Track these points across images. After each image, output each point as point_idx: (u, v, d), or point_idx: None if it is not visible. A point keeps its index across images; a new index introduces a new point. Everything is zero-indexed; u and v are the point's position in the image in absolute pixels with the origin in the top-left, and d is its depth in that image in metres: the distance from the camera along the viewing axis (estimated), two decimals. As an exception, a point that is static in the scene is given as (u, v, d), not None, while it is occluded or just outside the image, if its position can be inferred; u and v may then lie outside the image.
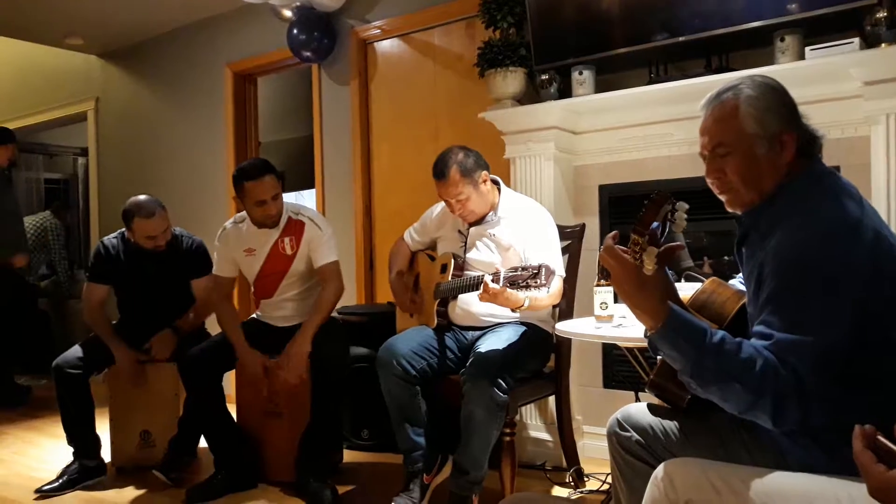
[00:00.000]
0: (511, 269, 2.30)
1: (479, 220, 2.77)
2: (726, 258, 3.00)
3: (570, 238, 2.88)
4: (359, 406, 3.42)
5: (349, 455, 3.41)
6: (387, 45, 4.17)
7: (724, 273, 2.76)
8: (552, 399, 2.92)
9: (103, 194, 5.79)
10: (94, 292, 3.33)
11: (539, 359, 2.71)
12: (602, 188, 3.29)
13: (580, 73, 3.08)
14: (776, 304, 1.36)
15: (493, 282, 2.31)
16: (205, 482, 2.95)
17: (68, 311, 6.26)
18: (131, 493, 3.05)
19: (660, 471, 1.43)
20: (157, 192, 3.37)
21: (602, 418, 2.13)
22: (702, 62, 2.91)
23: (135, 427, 3.32)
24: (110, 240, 3.37)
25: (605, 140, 3.24)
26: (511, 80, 3.23)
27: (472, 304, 2.70)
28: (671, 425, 1.64)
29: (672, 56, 2.98)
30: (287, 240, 3.04)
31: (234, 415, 3.13)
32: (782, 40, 2.63)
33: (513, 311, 2.46)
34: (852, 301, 1.32)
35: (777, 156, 1.47)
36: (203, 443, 3.15)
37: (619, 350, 2.95)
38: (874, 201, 2.42)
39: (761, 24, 2.66)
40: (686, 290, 1.69)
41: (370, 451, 3.49)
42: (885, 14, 2.42)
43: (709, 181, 1.57)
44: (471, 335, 2.72)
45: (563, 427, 2.87)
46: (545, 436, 3.22)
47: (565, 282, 2.78)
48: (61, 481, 3.07)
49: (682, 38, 2.84)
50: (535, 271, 2.23)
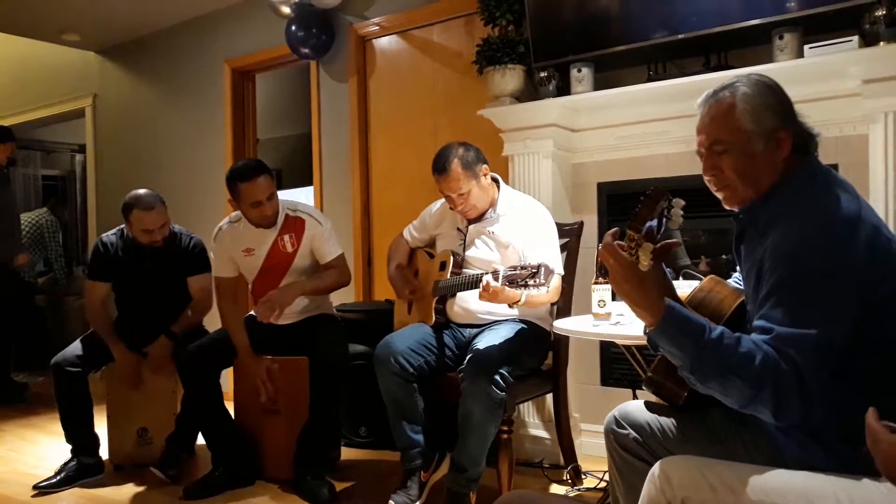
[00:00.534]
0: (510, 267, 2.30)
1: (478, 218, 2.77)
2: (724, 257, 3.00)
3: (569, 236, 2.88)
4: (357, 403, 3.41)
5: (347, 452, 3.41)
6: (385, 42, 4.17)
7: (722, 271, 2.76)
8: (550, 397, 2.92)
9: (101, 191, 5.78)
10: (95, 290, 3.32)
11: (537, 356, 2.71)
12: (600, 186, 3.29)
13: (579, 71, 3.08)
14: (776, 298, 1.36)
15: (493, 280, 2.31)
16: (202, 479, 2.95)
17: (65, 308, 6.25)
18: (129, 490, 3.05)
19: (656, 469, 1.43)
20: (155, 189, 3.36)
21: (599, 416, 2.13)
22: (700, 60, 2.91)
23: (132, 424, 3.32)
24: (109, 237, 3.37)
25: (603, 137, 3.24)
26: (510, 78, 3.23)
27: (470, 302, 2.70)
28: (668, 422, 1.64)
29: (671, 54, 2.97)
30: (287, 237, 3.03)
31: (231, 412, 3.13)
32: (781, 38, 2.63)
33: (510, 306, 2.45)
34: (852, 295, 1.32)
35: (773, 153, 1.48)
36: (200, 440, 3.15)
37: (616, 348, 2.95)
38: (872, 199, 2.42)
39: (760, 21, 2.66)
40: (684, 288, 1.69)
41: (368, 448, 3.49)
42: (884, 12, 2.42)
43: (706, 179, 1.57)
44: (469, 333, 2.72)
45: (561, 424, 2.87)
46: (543, 433, 3.22)
47: (563, 279, 2.78)
48: (59, 478, 3.07)
49: (680, 36, 2.83)
50: (535, 270, 2.22)
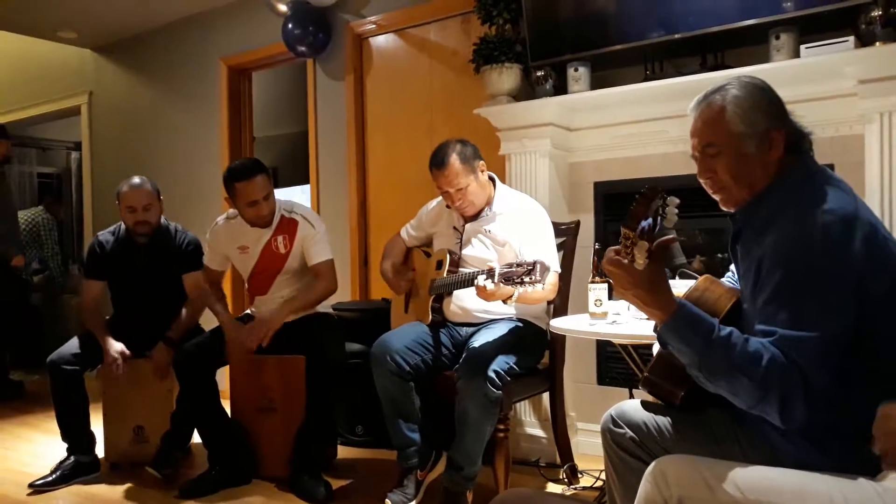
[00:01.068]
0: (506, 265, 2.30)
1: (475, 217, 2.77)
2: (719, 255, 3.01)
3: (565, 235, 2.88)
4: (353, 402, 3.41)
5: (343, 451, 3.41)
6: (382, 41, 4.16)
7: (716, 270, 2.77)
8: (546, 395, 2.92)
9: (96, 188, 5.76)
10: (90, 289, 3.32)
11: (533, 355, 2.72)
12: (597, 185, 3.30)
13: (576, 70, 3.08)
14: (778, 300, 1.37)
15: (488, 278, 2.31)
16: (198, 478, 2.94)
17: (61, 306, 6.23)
18: (124, 488, 3.05)
19: (653, 467, 1.44)
20: (151, 187, 3.36)
21: (596, 415, 2.14)
22: (697, 59, 2.92)
23: (128, 422, 3.31)
24: (104, 234, 3.37)
25: (600, 137, 3.24)
26: (506, 77, 3.23)
27: (467, 301, 2.70)
28: (665, 422, 1.65)
29: (668, 53, 2.98)
30: (280, 238, 3.04)
31: (227, 410, 3.12)
32: (777, 38, 2.63)
33: (504, 302, 2.45)
34: (851, 293, 1.33)
35: (766, 153, 1.49)
36: (196, 438, 3.15)
37: (613, 347, 2.96)
38: (868, 199, 2.43)
39: (756, 21, 2.66)
40: (679, 288, 1.69)
41: (364, 447, 3.49)
42: (880, 13, 2.43)
43: (702, 181, 1.58)
44: (465, 331, 2.73)
45: (557, 423, 2.87)
46: (539, 432, 3.22)
47: (560, 278, 2.79)
48: (55, 476, 3.06)
49: (677, 36, 2.84)
50: (530, 268, 2.23)
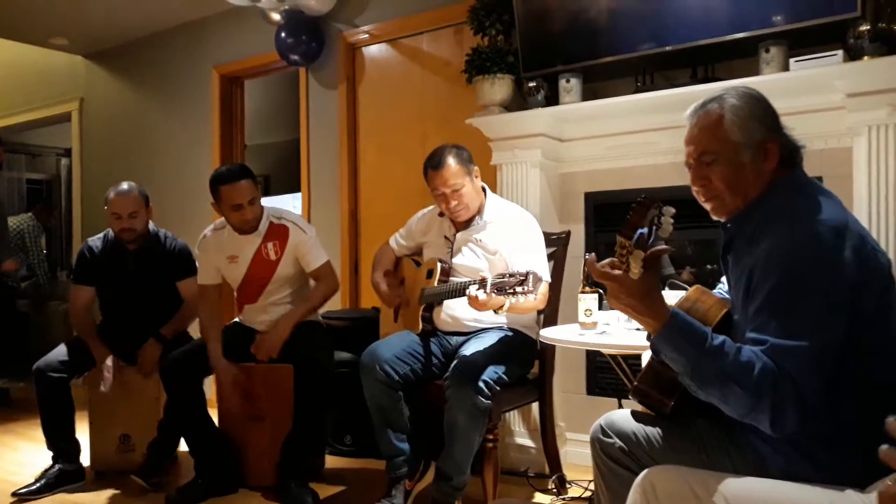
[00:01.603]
0: (498, 275, 2.30)
1: (466, 226, 2.77)
2: (708, 267, 3.02)
3: (556, 245, 2.88)
4: (342, 411, 3.40)
5: (331, 460, 3.39)
6: (375, 50, 4.17)
7: (706, 281, 2.78)
8: (536, 405, 2.92)
9: (86, 195, 5.73)
10: (79, 295, 3.30)
11: (523, 365, 2.71)
12: (588, 196, 3.31)
13: (567, 81, 3.10)
14: (769, 309, 1.37)
15: (480, 288, 2.31)
16: (185, 487, 2.91)
17: (48, 313, 6.18)
18: (110, 497, 3.01)
19: (642, 478, 1.44)
20: (141, 194, 3.35)
21: (585, 425, 2.13)
22: (688, 72, 2.94)
23: (114, 431, 3.29)
24: (94, 241, 3.35)
25: (591, 148, 3.25)
26: (499, 87, 3.24)
27: (457, 310, 2.70)
28: (654, 432, 1.65)
29: (658, 65, 3.00)
30: (270, 245, 3.03)
31: (215, 419, 3.10)
32: (767, 51, 2.66)
33: (495, 311, 2.45)
34: (843, 303, 1.33)
35: (761, 164, 1.50)
36: (183, 447, 3.12)
37: (602, 357, 2.96)
38: (856, 212, 2.44)
39: (746, 35, 2.69)
40: (670, 298, 1.69)
41: (353, 456, 3.47)
42: (868, 27, 2.45)
43: (694, 189, 1.59)
44: (455, 341, 2.72)
45: (547, 433, 2.87)
46: (528, 442, 3.22)
47: (550, 288, 2.79)
48: (39, 485, 3.03)
49: (668, 48, 2.86)
50: (523, 278, 2.22)
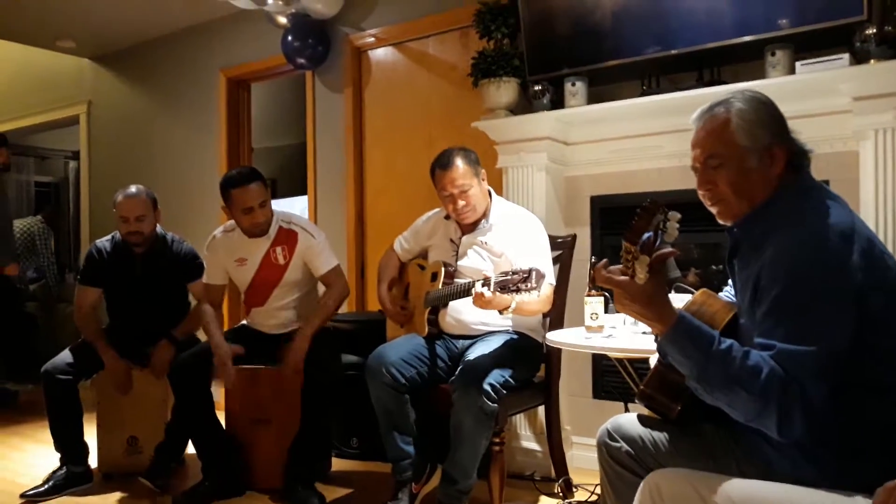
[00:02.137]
0: (501, 273, 2.30)
1: (472, 228, 2.77)
2: (713, 267, 3.02)
3: (561, 248, 2.88)
4: (348, 414, 3.40)
5: (338, 463, 3.40)
6: (381, 54, 4.19)
7: (711, 283, 2.78)
8: (542, 409, 2.92)
9: (94, 198, 5.76)
10: (85, 296, 3.31)
11: (529, 368, 2.71)
12: (593, 199, 3.31)
13: (573, 85, 3.10)
14: (776, 313, 1.37)
15: (484, 286, 2.32)
16: (192, 489, 2.93)
17: (57, 316, 6.22)
18: (117, 499, 3.03)
19: (648, 481, 1.44)
20: (149, 197, 3.37)
21: (591, 429, 2.13)
22: (693, 75, 2.94)
23: (122, 433, 3.30)
24: (102, 243, 3.36)
25: (596, 151, 3.25)
26: (504, 91, 3.25)
27: (462, 313, 2.70)
28: (661, 436, 1.65)
29: (664, 69, 3.00)
30: (279, 249, 3.04)
31: (222, 421, 3.11)
32: (773, 55, 2.66)
33: (500, 312, 2.45)
34: (850, 307, 1.33)
35: (767, 168, 1.50)
36: (191, 449, 3.13)
37: (608, 360, 2.96)
38: (863, 216, 2.43)
39: (752, 38, 2.69)
40: (676, 302, 1.69)
41: (359, 459, 3.47)
42: (875, 31, 2.45)
43: (700, 193, 1.59)
44: (461, 344, 2.72)
45: (553, 437, 2.87)
46: (534, 446, 3.22)
47: (556, 291, 2.79)
48: (47, 487, 3.04)
49: (674, 52, 2.86)
50: (526, 275, 2.23)
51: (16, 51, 5.80)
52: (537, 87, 3.20)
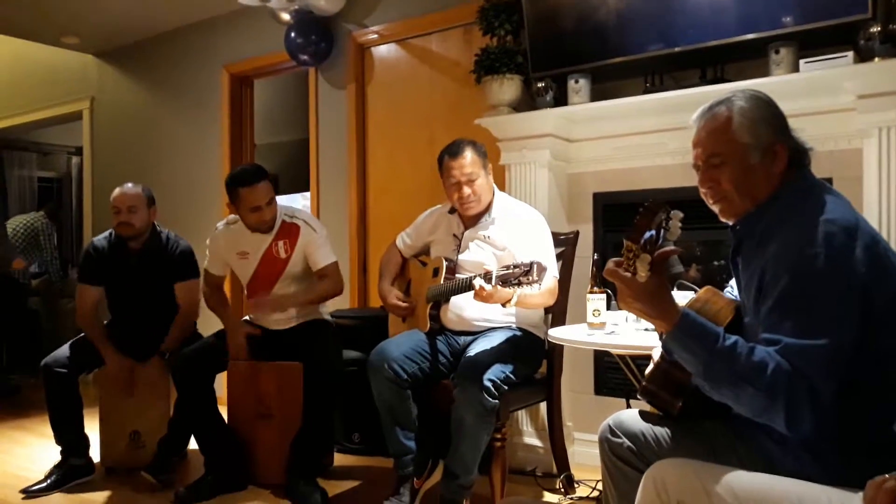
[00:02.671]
0: (503, 267, 2.31)
1: (474, 222, 2.77)
2: (716, 263, 3.02)
3: (564, 245, 2.89)
4: (350, 409, 3.41)
5: (340, 458, 3.41)
6: (384, 50, 4.18)
7: (714, 279, 2.78)
8: (543, 405, 2.92)
9: (97, 194, 5.76)
10: (86, 295, 3.31)
11: (531, 365, 2.71)
12: (596, 196, 3.31)
13: (576, 82, 3.10)
14: (781, 309, 1.37)
15: (485, 281, 2.32)
16: (194, 484, 2.93)
17: (60, 310, 6.24)
18: (120, 493, 3.04)
19: (651, 472, 1.44)
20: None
21: (593, 425, 2.14)
22: (697, 73, 2.94)
23: (124, 427, 3.31)
24: (99, 240, 3.36)
25: (599, 148, 3.25)
26: (507, 88, 3.25)
27: (464, 309, 2.71)
28: (663, 432, 1.65)
29: (667, 66, 3.00)
30: (281, 243, 3.04)
31: (224, 416, 3.12)
32: (777, 52, 2.65)
33: (503, 305, 2.44)
34: (855, 302, 1.33)
35: (769, 166, 1.50)
36: (193, 444, 3.14)
37: (610, 357, 2.96)
38: (866, 214, 2.44)
39: (756, 36, 2.68)
40: (679, 299, 1.70)
41: (361, 454, 3.48)
42: (879, 28, 2.45)
43: (702, 191, 1.59)
44: (463, 340, 2.73)
45: (554, 433, 2.87)
46: (536, 442, 3.22)
47: (559, 288, 2.79)
48: (49, 481, 3.05)
49: (677, 49, 2.86)
50: (527, 268, 2.23)
51: (20, 46, 5.80)
52: (540, 84, 3.20)
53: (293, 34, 4.14)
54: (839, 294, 1.33)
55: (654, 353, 1.73)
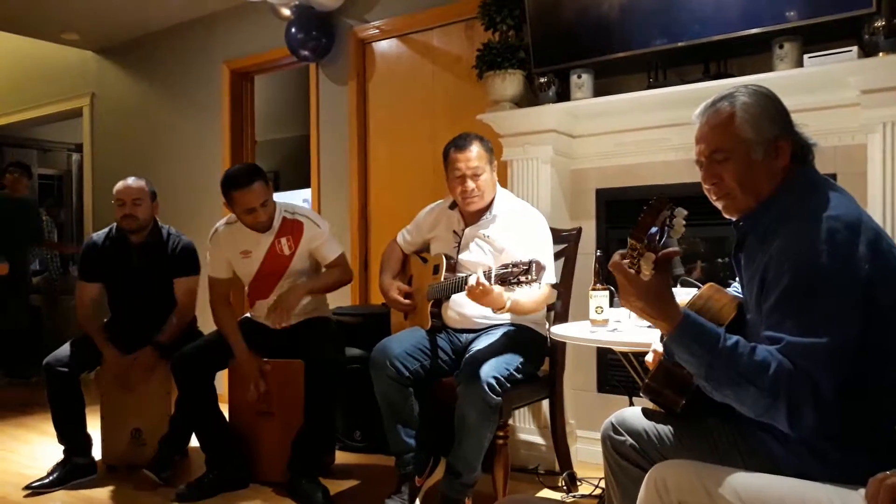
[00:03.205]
0: (502, 265, 2.30)
1: (475, 219, 2.76)
2: (719, 260, 3.01)
3: (567, 241, 2.87)
4: (352, 407, 3.41)
5: (341, 456, 3.40)
6: (385, 46, 4.17)
7: (717, 277, 2.77)
8: (546, 403, 2.92)
9: (97, 190, 5.76)
10: (85, 291, 3.31)
11: (533, 362, 2.70)
12: (599, 192, 3.30)
13: (579, 77, 3.08)
14: (784, 307, 1.37)
15: (477, 277, 2.31)
16: (195, 481, 2.93)
17: (61, 308, 6.24)
18: (121, 491, 3.04)
19: (653, 473, 1.44)
20: (152, 190, 3.37)
21: (596, 422, 2.13)
22: (700, 68, 2.92)
23: (126, 425, 3.30)
24: (98, 236, 3.36)
25: (602, 144, 3.24)
26: (509, 83, 3.23)
27: (465, 307, 2.69)
28: (665, 430, 1.64)
29: (671, 61, 2.98)
30: (284, 240, 3.03)
31: (226, 414, 3.11)
32: (781, 47, 2.64)
33: (494, 311, 2.45)
34: (858, 300, 1.32)
35: (772, 161, 1.49)
36: (194, 442, 3.14)
37: (613, 354, 2.95)
38: (870, 209, 2.43)
39: (760, 30, 2.67)
40: (682, 296, 1.69)
41: (363, 452, 3.48)
42: (883, 23, 2.43)
43: (705, 188, 1.58)
44: (465, 337, 2.72)
45: (557, 431, 2.86)
46: (538, 439, 3.21)
47: (561, 285, 2.78)
48: (51, 479, 3.06)
49: (680, 44, 2.84)
50: (526, 267, 2.23)
51: (20, 43, 5.79)
52: (543, 80, 3.18)
53: (294, 30, 4.13)
54: (842, 291, 1.32)
55: (655, 344, 1.73)
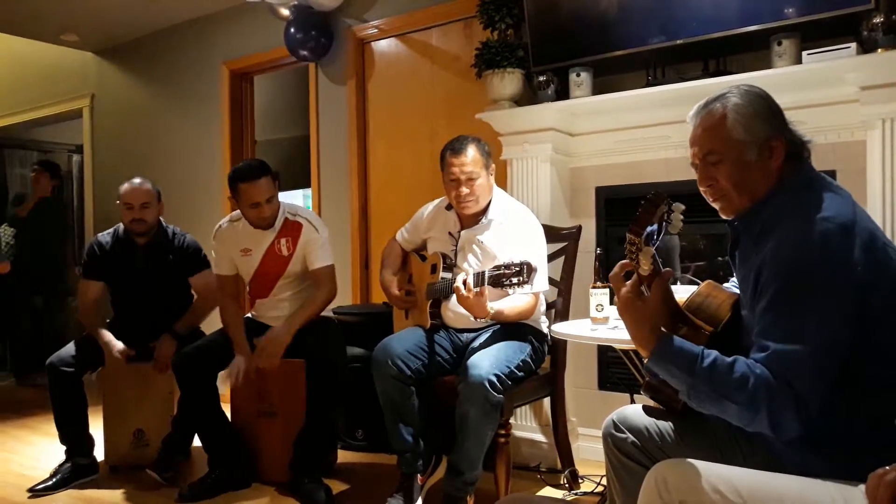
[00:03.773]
0: (494, 268, 2.32)
1: (471, 222, 2.75)
2: (719, 259, 3.01)
3: (567, 240, 2.88)
4: (354, 406, 3.41)
5: (343, 455, 3.41)
6: (384, 45, 4.17)
7: (716, 274, 2.77)
8: (547, 400, 2.92)
9: (98, 191, 5.77)
10: (88, 290, 3.32)
11: (534, 360, 2.70)
12: (598, 190, 3.30)
13: (578, 75, 3.09)
14: (774, 312, 1.37)
15: (477, 283, 2.34)
16: (198, 481, 2.94)
17: (64, 308, 6.24)
18: (124, 492, 3.04)
19: (654, 471, 1.44)
20: (153, 190, 3.37)
21: (597, 420, 2.14)
22: (699, 65, 2.92)
23: (128, 426, 3.31)
24: (104, 236, 3.37)
25: (601, 142, 3.24)
26: (508, 82, 3.23)
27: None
28: (667, 427, 1.65)
29: (670, 59, 2.98)
30: (284, 241, 3.04)
31: (228, 414, 3.12)
32: (779, 44, 2.64)
33: (475, 318, 2.49)
34: (850, 302, 1.33)
35: (767, 161, 1.49)
36: (197, 442, 3.14)
37: (614, 352, 2.96)
38: (870, 206, 2.43)
39: (758, 27, 2.67)
40: (681, 293, 1.69)
41: (365, 451, 3.48)
42: (882, 19, 2.43)
43: (702, 189, 1.59)
44: (465, 336, 2.72)
45: (558, 428, 2.87)
46: (540, 437, 3.22)
47: (561, 283, 2.78)
48: (54, 480, 3.06)
49: (679, 41, 2.84)
50: (518, 269, 2.24)
51: (19, 44, 5.78)
52: (542, 78, 3.18)
53: (293, 30, 4.13)
54: (834, 294, 1.33)
55: None
